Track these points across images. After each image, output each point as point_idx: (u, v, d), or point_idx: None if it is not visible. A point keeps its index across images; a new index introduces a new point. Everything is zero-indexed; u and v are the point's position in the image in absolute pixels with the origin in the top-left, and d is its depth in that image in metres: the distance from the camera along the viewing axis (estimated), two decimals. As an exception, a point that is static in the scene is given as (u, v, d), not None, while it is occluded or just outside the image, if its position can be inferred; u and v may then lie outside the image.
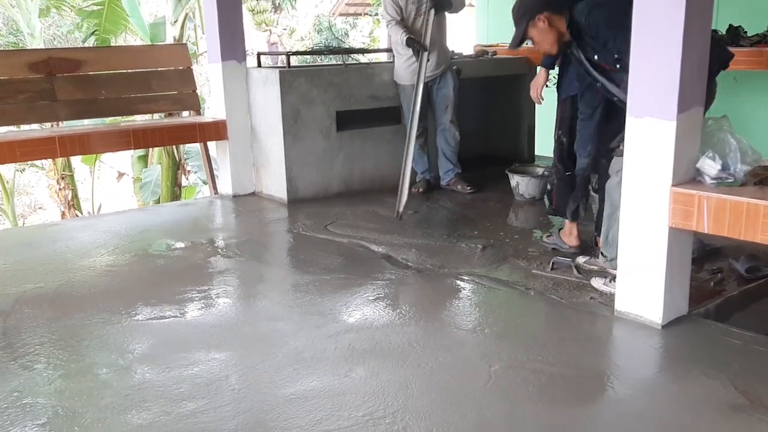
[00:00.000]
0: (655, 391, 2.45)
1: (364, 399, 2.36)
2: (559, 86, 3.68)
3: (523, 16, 3.22)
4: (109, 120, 6.55)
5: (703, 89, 2.77)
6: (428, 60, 4.79)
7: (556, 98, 3.76)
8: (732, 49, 4.90)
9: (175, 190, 9.18)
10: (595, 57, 3.12)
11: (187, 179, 9.69)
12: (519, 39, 3.27)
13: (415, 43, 4.81)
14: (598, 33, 3.03)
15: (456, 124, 5.17)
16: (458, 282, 3.48)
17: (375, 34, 18.54)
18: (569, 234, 3.78)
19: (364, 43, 17.87)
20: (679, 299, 2.94)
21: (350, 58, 5.87)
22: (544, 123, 6.84)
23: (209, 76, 5.36)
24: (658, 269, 2.83)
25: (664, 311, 2.86)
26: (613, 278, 3.14)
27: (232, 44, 5.12)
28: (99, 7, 8.67)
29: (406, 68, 5.08)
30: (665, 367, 2.67)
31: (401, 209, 4.53)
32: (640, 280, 2.90)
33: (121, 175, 10.74)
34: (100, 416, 2.29)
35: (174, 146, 8.78)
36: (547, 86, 3.89)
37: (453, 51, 5.59)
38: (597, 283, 3.30)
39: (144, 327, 3.00)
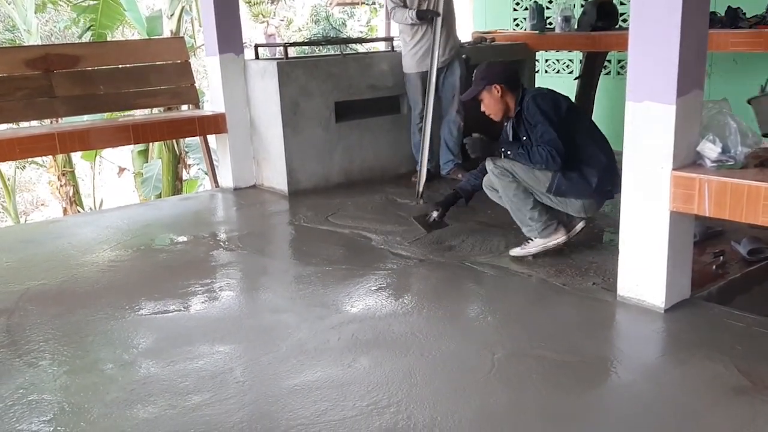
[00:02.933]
0: (659, 375, 2.45)
1: (368, 389, 2.37)
2: None
3: (482, 80, 3.60)
4: (107, 115, 6.54)
5: (702, 72, 2.76)
6: (442, 33, 4.77)
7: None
8: (731, 31, 4.91)
9: (176, 184, 9.18)
10: (524, 138, 3.51)
11: (188, 173, 9.70)
12: (472, 96, 3.70)
13: (426, 12, 4.78)
14: (528, 117, 3.46)
15: (462, 115, 5.14)
16: (460, 270, 3.49)
17: (372, 23, 18.47)
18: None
19: (361, 33, 17.80)
20: (681, 283, 2.94)
21: (348, 48, 5.85)
22: (543, 109, 6.82)
23: (207, 69, 5.35)
24: (660, 253, 2.83)
25: (666, 295, 2.86)
26: (527, 240, 3.56)
27: (229, 37, 5.10)
28: (95, 2, 8.63)
29: (412, 56, 5.04)
30: (668, 351, 2.68)
31: (421, 189, 4.66)
32: (642, 264, 2.90)
33: (122, 170, 10.75)
34: (106, 411, 2.30)
35: (174, 140, 8.78)
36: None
37: (467, 42, 5.53)
38: (515, 251, 3.58)
39: (148, 321, 3.01)
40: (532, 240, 3.56)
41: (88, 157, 9.43)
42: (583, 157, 3.45)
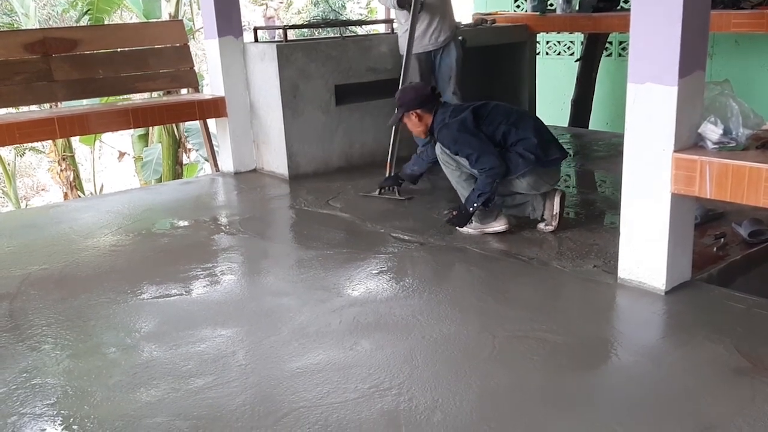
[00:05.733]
0: (659, 356, 2.46)
1: (369, 371, 2.38)
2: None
3: (400, 107, 3.88)
4: (105, 99, 6.52)
5: (704, 53, 2.75)
6: (420, 10, 4.75)
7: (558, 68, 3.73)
8: (733, 12, 4.88)
9: (176, 169, 9.16)
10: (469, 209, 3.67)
11: (188, 157, 9.67)
12: (395, 122, 4.09)
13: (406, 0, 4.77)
14: (449, 147, 3.66)
15: (459, 97, 5.13)
16: (461, 254, 3.49)
17: (372, 6, 18.34)
18: None
19: (361, 15, 17.69)
20: (682, 265, 2.95)
21: (348, 31, 5.81)
22: (545, 91, 6.81)
23: (206, 52, 5.32)
24: (661, 236, 2.82)
25: (667, 277, 2.86)
26: (451, 225, 3.75)
27: (228, 19, 5.07)
28: (93, -15, 8.57)
29: (407, 38, 5.02)
30: (669, 332, 2.68)
31: (390, 170, 4.72)
32: (643, 247, 2.90)
33: (122, 154, 10.72)
34: (109, 394, 2.31)
35: (174, 124, 8.75)
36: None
37: (460, 22, 5.51)
38: (464, 228, 3.73)
39: (150, 306, 3.02)
40: (472, 222, 3.71)
41: (88, 142, 9.41)
42: (513, 141, 3.59)
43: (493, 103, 3.77)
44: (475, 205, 3.59)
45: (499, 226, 3.68)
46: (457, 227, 3.75)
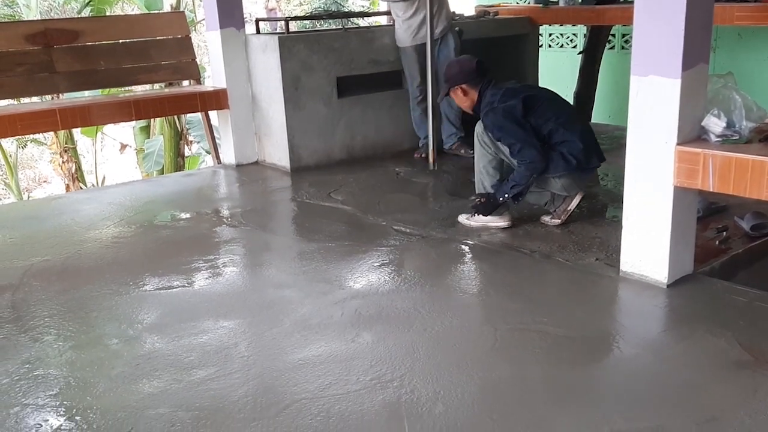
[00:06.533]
0: (661, 350, 2.46)
1: (371, 363, 2.38)
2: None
3: (446, 82, 3.80)
4: (106, 91, 6.52)
5: (708, 46, 2.73)
6: (434, 6, 4.73)
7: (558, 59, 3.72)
8: (736, 5, 4.86)
9: (178, 161, 9.17)
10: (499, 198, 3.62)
11: (189, 149, 9.67)
12: (442, 98, 4.07)
13: None
14: (492, 131, 3.56)
15: None
16: (462, 246, 3.49)
17: (374, -3, 18.28)
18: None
19: (363, 7, 17.63)
20: (684, 258, 2.94)
21: (350, 23, 5.80)
22: (547, 83, 6.79)
23: (208, 44, 5.31)
24: (663, 229, 2.82)
25: (669, 271, 2.86)
26: (475, 212, 3.69)
27: (230, 11, 5.06)
28: (94, -24, 8.56)
29: (405, 30, 5.02)
30: (671, 326, 2.68)
31: (432, 159, 4.83)
32: (645, 240, 2.90)
33: (123, 146, 10.73)
34: (111, 386, 2.32)
35: (175, 116, 8.74)
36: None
37: (454, 12, 5.53)
38: (461, 218, 3.74)
39: (152, 297, 3.02)
40: (477, 215, 3.69)
41: (90, 134, 9.41)
42: (558, 141, 3.52)
43: (546, 94, 3.70)
44: (506, 196, 3.54)
45: (503, 222, 3.66)
46: (458, 220, 3.75)
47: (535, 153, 3.45)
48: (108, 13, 8.85)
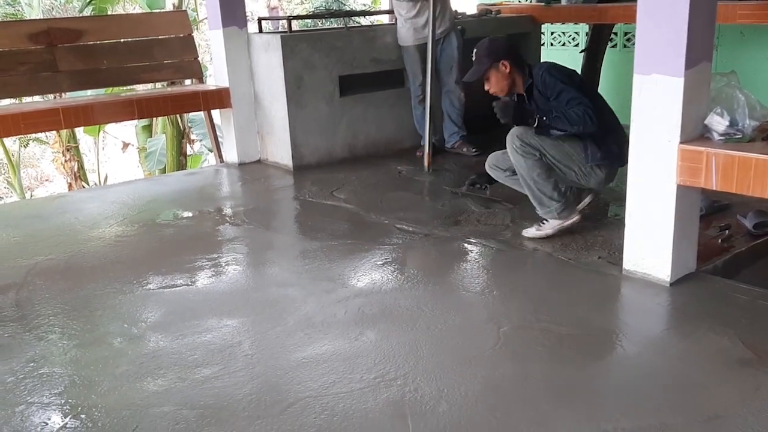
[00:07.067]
0: (664, 348, 2.47)
1: (375, 361, 2.39)
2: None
3: (488, 57, 3.46)
4: (109, 90, 6.51)
5: (711, 44, 2.74)
6: (437, 5, 4.73)
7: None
8: (739, 3, 4.85)
9: (180, 159, 9.17)
10: (542, 118, 3.32)
11: (192, 148, 9.68)
12: (479, 75, 3.53)
13: None
14: (550, 86, 3.32)
15: (461, 85, 5.12)
16: (465, 245, 3.49)
17: (376, -4, 18.27)
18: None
19: (365, 6, 17.62)
20: (687, 257, 2.95)
21: (352, 21, 5.80)
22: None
23: (210, 43, 5.32)
24: (666, 227, 2.82)
25: (672, 269, 2.86)
26: (542, 221, 3.48)
27: (232, 10, 5.06)
28: (96, -25, 8.56)
29: (408, 29, 5.03)
30: (673, 324, 2.69)
31: (428, 161, 4.83)
32: (648, 238, 2.90)
33: (126, 145, 10.74)
34: (116, 384, 2.33)
35: (178, 115, 8.75)
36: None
37: (456, 11, 5.53)
38: (529, 232, 3.51)
39: (156, 296, 3.03)
40: (547, 221, 3.47)
41: (92, 132, 9.42)
42: (606, 126, 3.36)
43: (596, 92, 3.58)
44: (545, 119, 3.26)
45: (575, 216, 3.48)
46: (524, 234, 3.51)
47: (592, 113, 3.21)
48: (109, 12, 8.85)
